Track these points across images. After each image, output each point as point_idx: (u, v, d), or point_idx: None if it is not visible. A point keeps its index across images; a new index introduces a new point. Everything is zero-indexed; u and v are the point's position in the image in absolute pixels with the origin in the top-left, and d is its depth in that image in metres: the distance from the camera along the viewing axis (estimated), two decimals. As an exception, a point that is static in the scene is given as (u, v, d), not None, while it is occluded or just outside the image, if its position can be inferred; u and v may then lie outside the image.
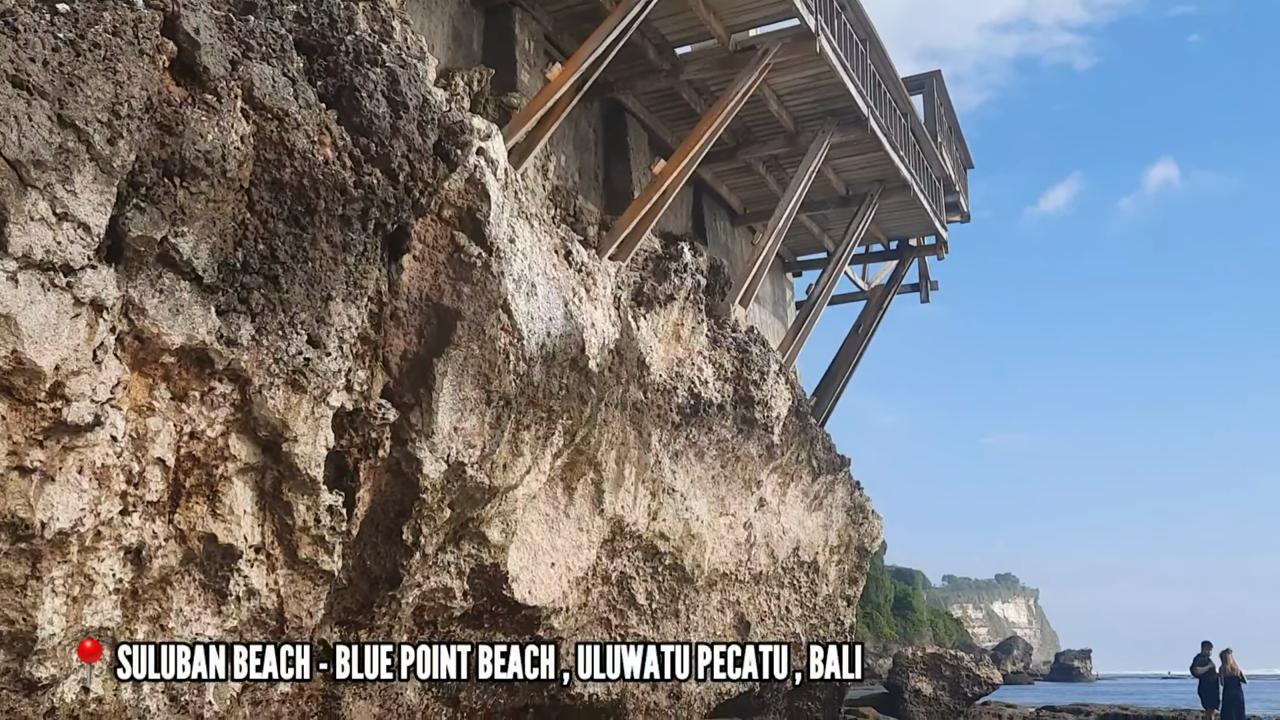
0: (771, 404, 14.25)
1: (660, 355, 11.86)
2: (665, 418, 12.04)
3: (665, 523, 12.32)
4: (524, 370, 8.82)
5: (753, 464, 14.34)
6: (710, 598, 14.08)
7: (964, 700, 29.50)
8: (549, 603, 10.21)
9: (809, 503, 17.25)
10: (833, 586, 19.38)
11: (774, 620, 16.64)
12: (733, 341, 13.62)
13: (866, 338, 20.97)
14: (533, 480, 9.52)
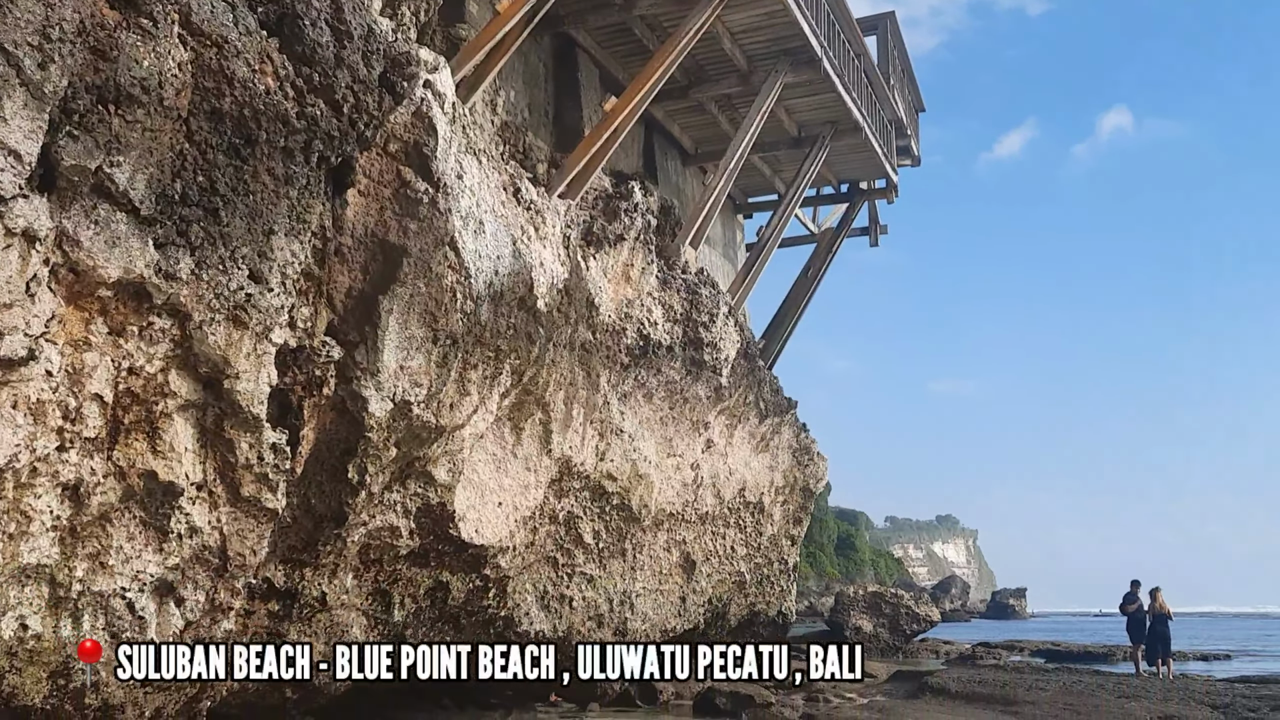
0: (720, 346, 14.30)
1: (610, 296, 11.82)
2: (614, 359, 12.04)
3: (613, 463, 12.37)
4: (471, 309, 8.74)
5: (701, 405, 14.43)
6: (657, 537, 14.22)
7: (903, 637, 30.28)
8: (496, 542, 10.24)
9: (756, 444, 17.42)
10: (777, 526, 19.66)
11: (719, 559, 16.87)
12: (682, 283, 13.61)
13: (816, 281, 21.07)
14: (480, 420, 9.48)
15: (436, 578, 10.03)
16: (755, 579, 19.15)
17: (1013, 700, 15.91)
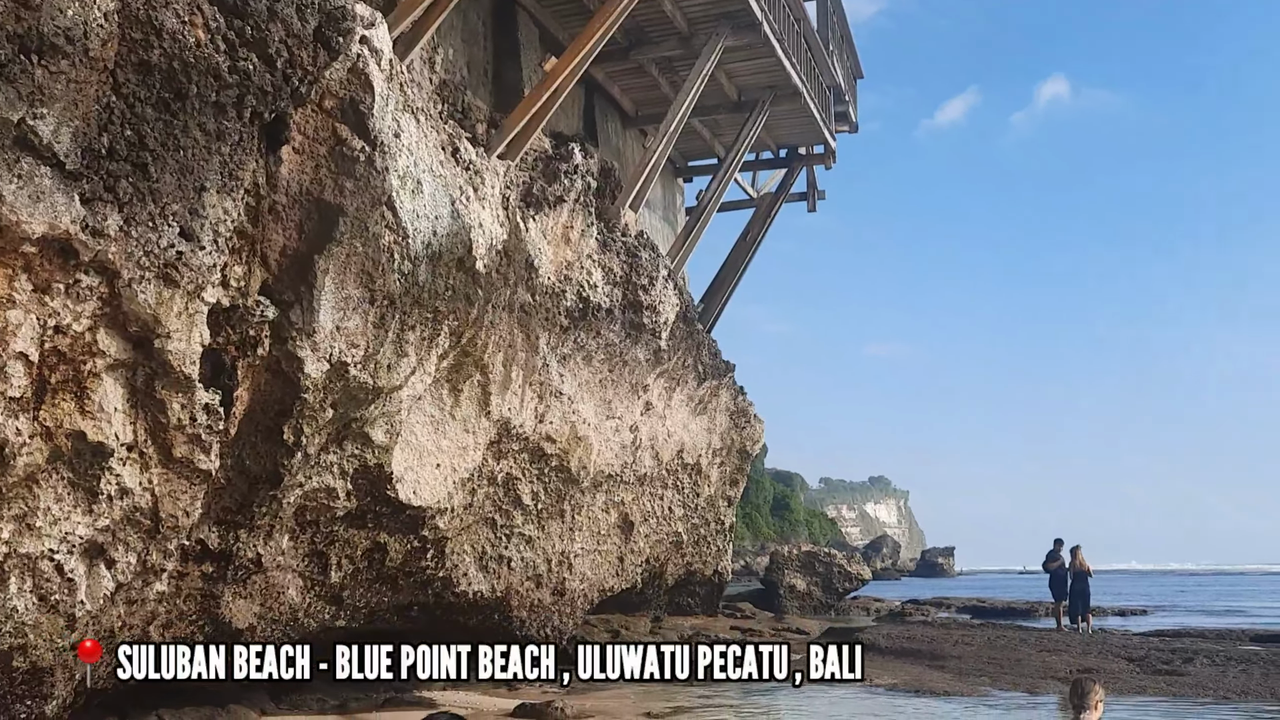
0: (660, 309, 14.35)
1: (549, 258, 11.78)
2: (553, 321, 12.02)
3: (552, 425, 12.40)
4: (409, 269, 8.66)
5: (640, 368, 14.49)
6: (595, 498, 14.31)
7: (835, 595, 30.89)
8: (434, 503, 10.23)
9: (694, 407, 17.56)
10: (714, 488, 19.89)
11: (657, 520, 17.04)
12: (622, 246, 13.60)
13: (754, 245, 21.20)
14: (418, 381, 9.43)
15: (374, 539, 10.00)
16: (692, 539, 19.38)
17: (939, 655, 16.39)
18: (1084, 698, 5.68)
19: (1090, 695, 5.68)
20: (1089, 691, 5.71)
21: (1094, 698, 5.67)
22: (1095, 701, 5.66)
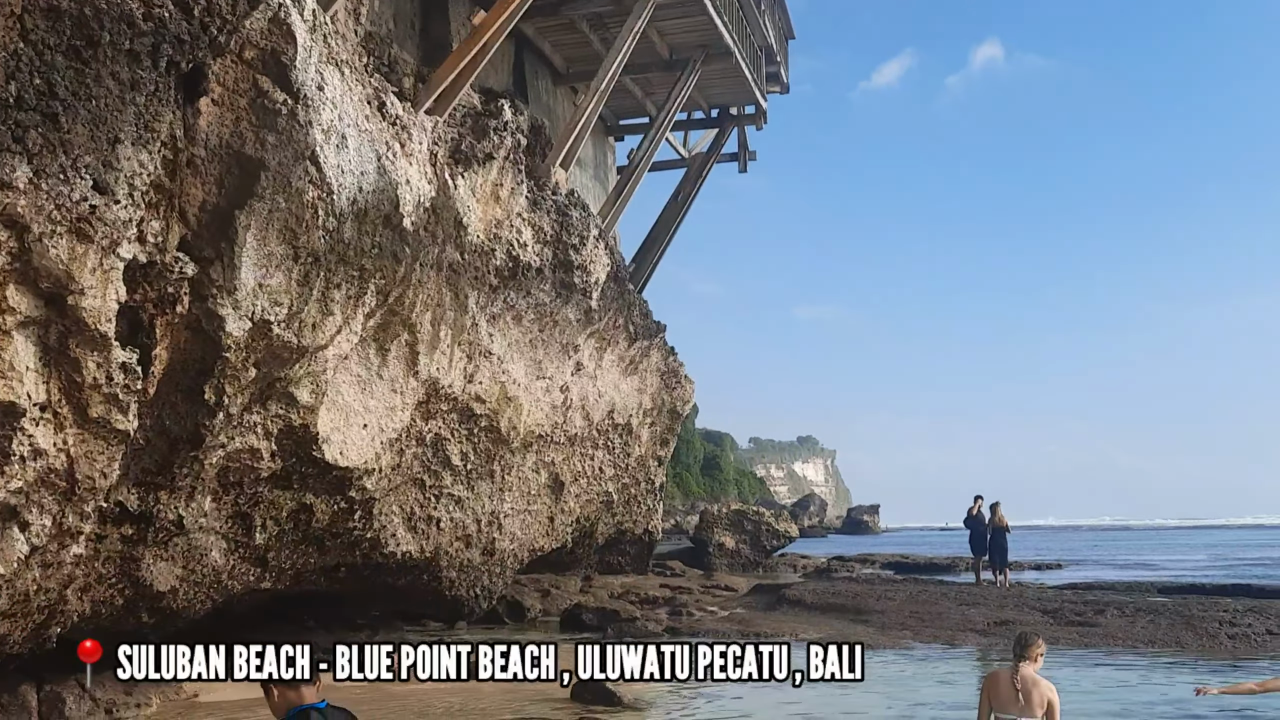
0: (590, 269, 14.30)
1: (478, 216, 11.65)
2: (483, 280, 11.91)
3: (481, 385, 12.32)
4: (334, 226, 8.49)
5: (570, 328, 14.45)
6: (526, 459, 14.29)
7: (763, 552, 31.36)
8: (361, 464, 10.13)
9: (625, 367, 17.59)
10: (645, 447, 19.99)
11: (588, 480, 17.09)
12: (553, 204, 13.49)
13: (686, 205, 21.19)
14: (344, 341, 9.29)
15: (300, 500, 9.88)
16: (623, 499, 19.49)
17: (863, 610, 16.77)
18: (1025, 649, 5.91)
19: (1032, 648, 5.91)
20: (1031, 644, 5.94)
21: (1035, 650, 5.91)
22: (1036, 654, 5.90)
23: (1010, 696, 5.77)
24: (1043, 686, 5.78)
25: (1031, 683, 5.77)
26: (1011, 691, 5.77)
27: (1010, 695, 5.77)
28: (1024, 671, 5.80)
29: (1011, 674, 5.84)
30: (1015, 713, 5.73)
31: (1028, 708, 5.70)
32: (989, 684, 5.99)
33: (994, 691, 5.89)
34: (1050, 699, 5.73)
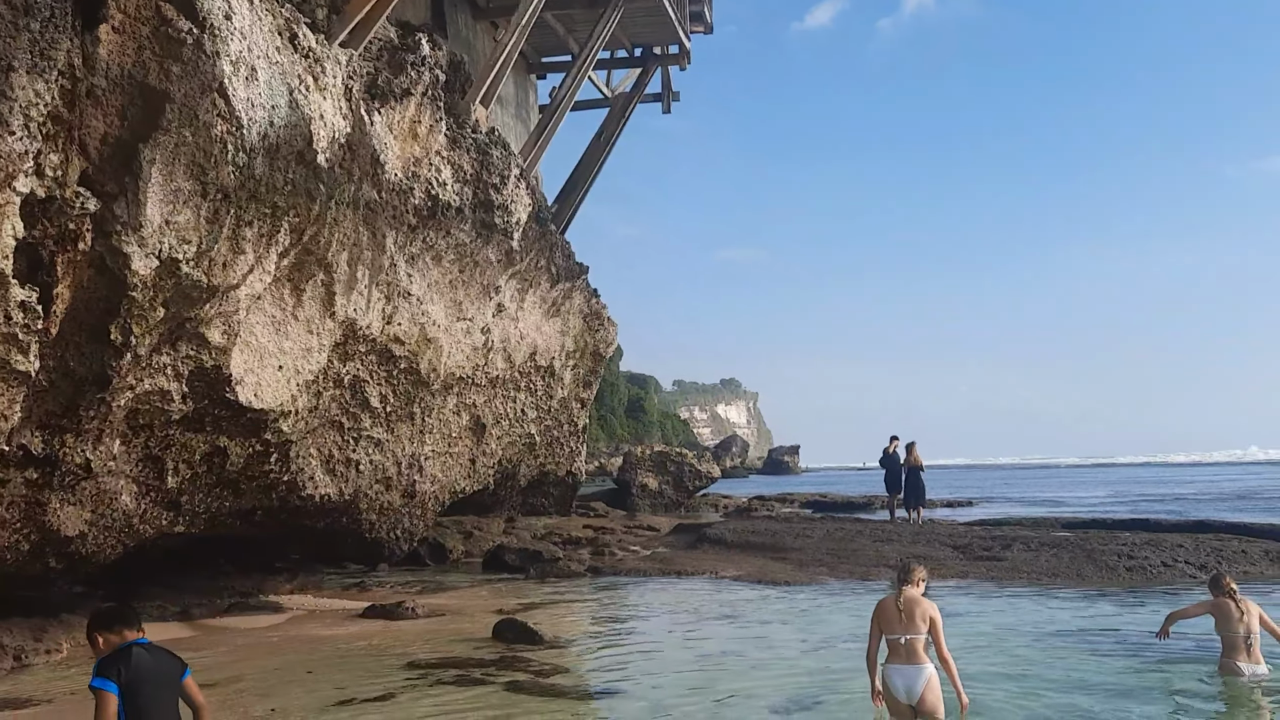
0: (512, 209, 14.14)
1: (396, 153, 11.40)
2: (401, 219, 11.70)
3: (400, 326, 12.16)
4: (244, 162, 8.25)
5: (491, 269, 14.31)
6: (446, 401, 14.20)
7: (686, 493, 31.76)
8: (277, 406, 9.96)
9: (547, 309, 17.51)
10: (568, 390, 20.01)
11: (510, 422, 17.07)
12: (473, 143, 13.27)
13: (609, 146, 21.01)
14: (256, 280, 9.08)
15: (213, 443, 9.70)
16: (545, 441, 19.52)
17: (782, 548, 17.11)
18: (908, 575, 6.33)
19: (913, 573, 6.31)
20: (912, 570, 6.36)
21: (916, 575, 6.31)
22: (917, 579, 6.29)
23: (895, 618, 6.16)
24: (924, 605, 6.15)
25: (914, 603, 6.15)
26: (896, 613, 6.16)
27: (895, 616, 6.16)
28: (907, 594, 6.19)
29: (895, 598, 6.22)
30: (900, 632, 6.12)
31: (910, 626, 6.10)
32: (877, 610, 6.33)
33: (882, 616, 6.25)
34: (932, 616, 6.11)
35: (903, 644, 6.11)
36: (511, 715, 6.77)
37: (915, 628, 6.10)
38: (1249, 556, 14.51)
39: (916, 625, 6.09)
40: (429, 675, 8.05)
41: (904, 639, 6.11)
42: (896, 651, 6.15)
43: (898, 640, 6.14)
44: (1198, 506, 29.79)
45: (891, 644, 6.17)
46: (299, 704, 7.11)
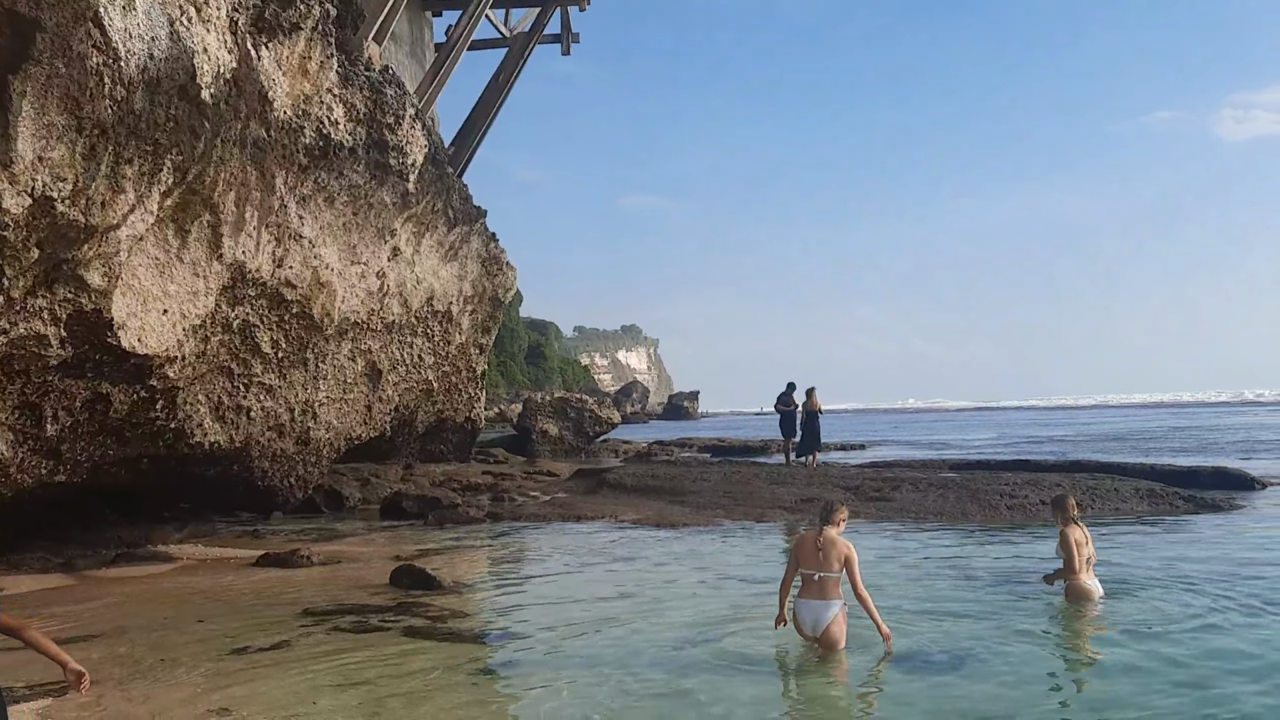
0: (407, 150, 13.83)
1: (285, 90, 11.02)
2: (291, 159, 11.34)
3: (292, 270, 11.86)
4: (122, 96, 7.87)
5: (387, 212, 14.01)
6: (341, 346, 13.94)
7: (586, 439, 31.93)
8: (162, 351, 9.64)
9: (444, 253, 17.26)
10: (466, 335, 19.83)
11: (406, 368, 16.86)
12: (366, 81, 12.89)
13: (507, 87, 20.67)
14: (138, 220, 8.72)
15: (95, 389, 9.36)
16: (443, 387, 19.36)
17: (680, 491, 17.37)
18: (830, 514, 6.70)
19: (835, 514, 6.71)
20: (834, 510, 6.74)
21: (837, 516, 6.70)
22: (838, 519, 6.69)
23: (812, 554, 6.52)
24: (841, 545, 6.52)
25: (832, 543, 6.51)
26: (814, 550, 6.53)
27: (812, 553, 6.52)
28: (826, 533, 6.56)
29: (815, 536, 6.59)
30: (815, 568, 6.49)
31: (827, 563, 6.46)
32: (796, 545, 6.73)
33: (800, 551, 6.62)
34: (848, 554, 6.47)
35: (815, 580, 6.47)
36: (409, 660, 6.78)
37: (830, 566, 6.44)
38: (1120, 494, 15.29)
39: (831, 564, 6.44)
40: (325, 622, 7.98)
41: (817, 575, 6.46)
42: (809, 586, 6.49)
43: (811, 576, 6.49)
44: (1075, 448, 31.19)
45: (805, 578, 6.52)
46: (190, 654, 6.99)
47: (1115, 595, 8.36)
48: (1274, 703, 5.54)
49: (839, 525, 6.62)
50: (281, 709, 5.66)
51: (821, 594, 6.45)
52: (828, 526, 6.57)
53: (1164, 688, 5.86)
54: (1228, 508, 14.57)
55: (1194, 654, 6.58)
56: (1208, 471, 18.30)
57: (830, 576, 6.44)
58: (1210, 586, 8.81)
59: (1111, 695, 5.75)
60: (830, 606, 6.42)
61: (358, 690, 6.07)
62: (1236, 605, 8.04)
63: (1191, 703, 5.57)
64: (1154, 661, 6.41)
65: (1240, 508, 14.71)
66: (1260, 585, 8.83)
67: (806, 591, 6.49)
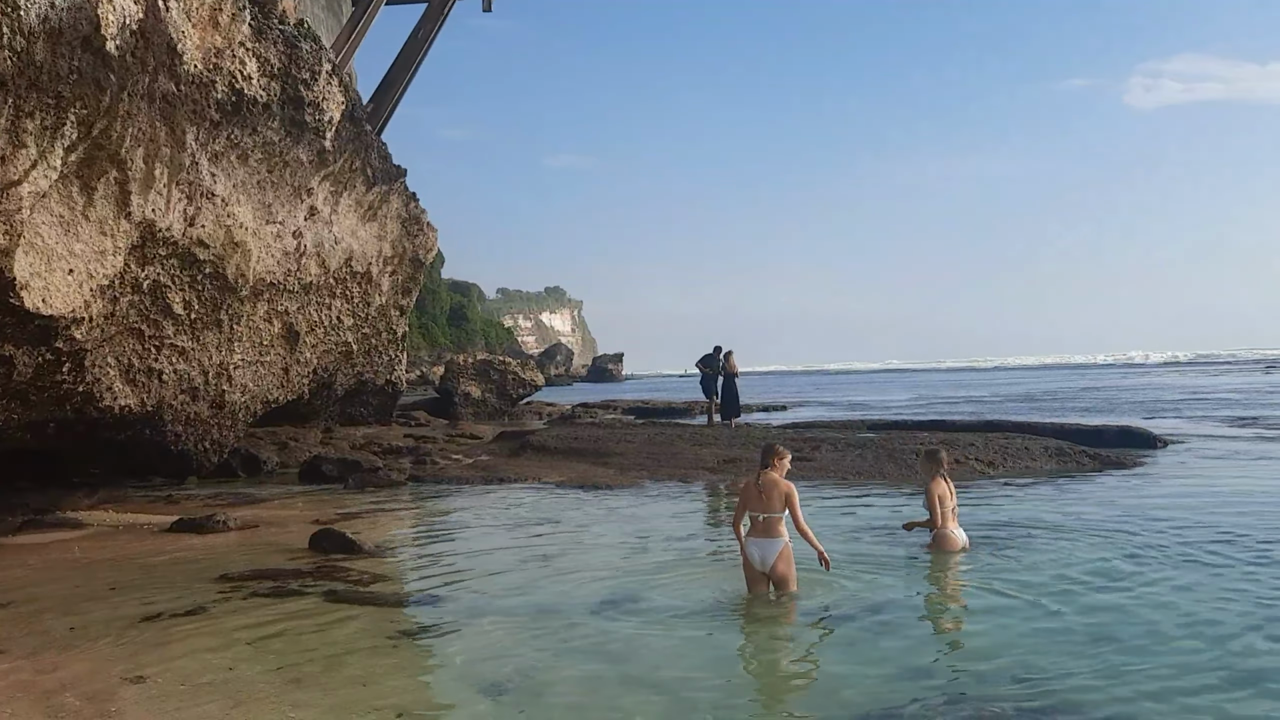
0: (323, 106, 13.51)
1: (195, 43, 10.66)
2: (203, 114, 11.00)
3: (204, 229, 11.54)
4: (22, 46, 7.54)
5: (303, 170, 13.69)
6: (256, 308, 13.64)
7: (509, 401, 31.81)
8: (68, 312, 9.33)
9: (363, 213, 16.95)
10: (386, 297, 19.54)
11: (325, 330, 16.58)
12: (280, 34, 12.53)
13: (427, 43, 20.27)
14: (41, 177, 8.39)
15: (-4, 352, 9.03)
16: (363, 349, 19.09)
17: (604, 453, 17.43)
18: (769, 458, 7.01)
19: (774, 457, 7.00)
20: (773, 453, 7.04)
21: (775, 459, 6.99)
22: (776, 462, 6.98)
23: (755, 497, 6.95)
24: (781, 485, 6.91)
25: (772, 484, 6.91)
26: (756, 493, 6.95)
27: (755, 495, 6.95)
28: (766, 476, 6.94)
29: (756, 479, 6.99)
30: (760, 509, 6.92)
31: (769, 504, 6.88)
32: (742, 491, 7.18)
33: (745, 495, 7.06)
34: (788, 493, 6.87)
35: (761, 520, 6.91)
36: (329, 624, 6.73)
37: (772, 505, 6.86)
38: (1031, 453, 15.76)
39: (774, 503, 6.86)
40: (242, 588, 7.87)
41: (762, 516, 6.90)
42: (756, 526, 6.93)
43: (757, 517, 6.92)
44: (989, 408, 32.02)
45: (752, 519, 6.95)
46: (102, 620, 6.85)
47: (1006, 546, 8.83)
48: (1150, 638, 5.80)
49: (778, 468, 6.97)
50: (197, 676, 5.59)
51: (767, 533, 6.90)
52: (768, 469, 6.94)
53: (1058, 632, 6.09)
54: (1131, 465, 15.12)
55: (1078, 604, 6.84)
56: (1114, 430, 18.98)
57: (774, 515, 6.88)
58: (1102, 537, 9.18)
59: (1011, 640, 5.96)
60: (775, 544, 6.86)
61: (276, 655, 6.01)
62: (1123, 555, 8.39)
63: (1076, 640, 5.81)
64: (1058, 607, 6.66)
65: (1143, 464, 15.28)
66: (1151, 536, 9.21)
67: (754, 531, 6.94)
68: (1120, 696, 5.02)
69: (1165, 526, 9.77)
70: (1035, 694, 5.06)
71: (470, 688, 5.40)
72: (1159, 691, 5.08)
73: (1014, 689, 5.16)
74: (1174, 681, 5.22)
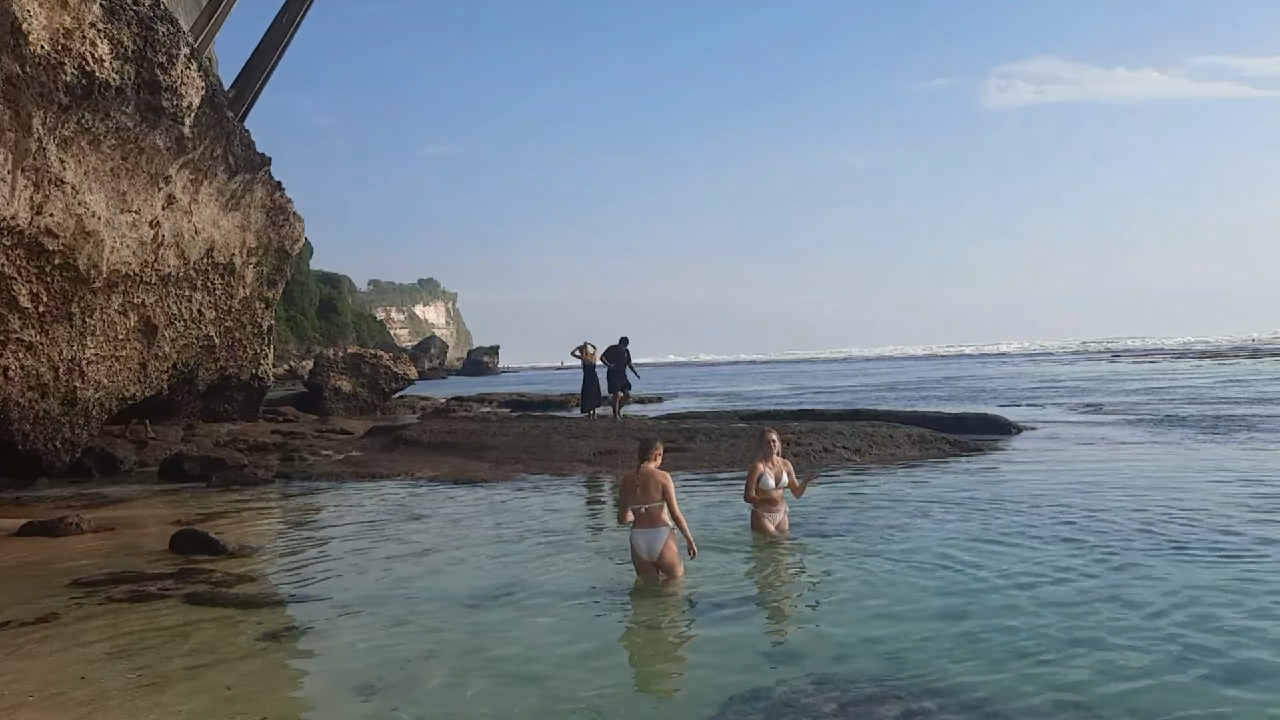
0: (182, 91, 13.01)
1: (41, 23, 10.13)
2: (50, 98, 10.47)
3: (53, 218, 10.99)
4: None
5: (160, 157, 13.16)
6: (111, 300, 13.06)
7: (382, 395, 31.21)
8: (-99, 305, 8.78)
9: (225, 202, 16.40)
10: (250, 289, 18.95)
11: (185, 323, 15.98)
12: (134, 16, 12.01)
13: (293, 27, 19.67)
14: None
15: None
16: (226, 343, 18.48)
17: (480, 446, 17.30)
18: (647, 452, 7.30)
19: (651, 450, 7.31)
20: (650, 448, 7.33)
21: (653, 452, 7.31)
22: (654, 455, 7.29)
23: (634, 489, 7.22)
24: (658, 476, 7.20)
25: (649, 476, 7.19)
26: (634, 485, 7.22)
27: (634, 488, 7.22)
28: (644, 469, 7.23)
29: (635, 473, 7.27)
30: (639, 501, 7.18)
31: (648, 495, 7.16)
32: (623, 484, 7.46)
33: (625, 489, 7.33)
34: (664, 484, 7.15)
35: (643, 511, 7.17)
36: (191, 628, 6.50)
37: (651, 496, 7.14)
38: (894, 440, 16.31)
39: (652, 495, 7.13)
40: (97, 593, 7.55)
41: (644, 508, 7.16)
42: (639, 518, 7.19)
43: (639, 509, 7.17)
44: (855, 397, 32.97)
45: (635, 512, 7.19)
46: (-58, 633, 6.47)
47: (867, 530, 9.23)
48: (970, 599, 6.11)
49: (656, 460, 7.26)
50: (50, 686, 5.34)
51: (650, 523, 7.14)
52: (646, 462, 7.21)
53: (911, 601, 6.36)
54: (987, 450, 15.80)
55: (938, 583, 7.15)
56: (973, 418, 19.80)
57: (654, 506, 7.14)
58: (960, 518, 9.62)
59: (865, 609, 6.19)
60: (660, 533, 7.13)
61: (134, 661, 5.79)
62: (980, 536, 8.79)
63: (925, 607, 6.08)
64: (920, 587, 6.93)
65: (999, 450, 15.99)
66: (1006, 516, 9.67)
67: (638, 523, 7.18)
68: (978, 670, 5.26)
69: (1019, 507, 10.26)
70: (897, 672, 5.27)
71: (341, 689, 5.30)
72: (1014, 662, 5.34)
73: (876, 666, 5.35)
74: (1034, 654, 5.49)
